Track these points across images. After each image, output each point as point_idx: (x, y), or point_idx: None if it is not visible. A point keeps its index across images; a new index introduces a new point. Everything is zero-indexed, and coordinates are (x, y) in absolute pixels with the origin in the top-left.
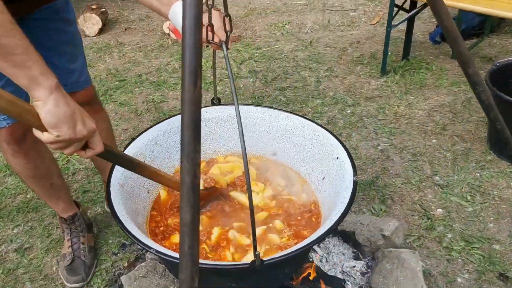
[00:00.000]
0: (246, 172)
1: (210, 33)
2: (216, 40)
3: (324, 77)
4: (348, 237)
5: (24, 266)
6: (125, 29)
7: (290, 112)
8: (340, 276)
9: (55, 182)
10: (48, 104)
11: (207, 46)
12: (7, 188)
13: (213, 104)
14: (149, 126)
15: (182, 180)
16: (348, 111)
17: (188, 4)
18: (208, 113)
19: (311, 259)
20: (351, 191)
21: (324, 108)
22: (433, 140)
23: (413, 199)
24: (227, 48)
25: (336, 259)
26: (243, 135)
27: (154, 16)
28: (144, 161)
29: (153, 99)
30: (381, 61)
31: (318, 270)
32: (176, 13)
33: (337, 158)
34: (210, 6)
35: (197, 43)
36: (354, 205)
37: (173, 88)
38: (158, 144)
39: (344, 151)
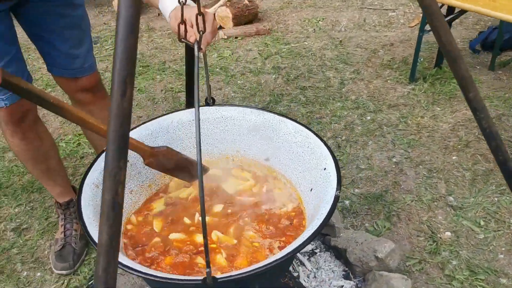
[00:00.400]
0: (200, 181)
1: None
2: (193, 39)
3: (349, 79)
4: (340, 254)
5: (19, 246)
6: (158, 14)
7: (284, 116)
8: None
9: (53, 166)
10: None
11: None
12: (17, 166)
13: (207, 104)
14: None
15: (103, 198)
16: (368, 118)
17: (123, 4)
18: (201, 114)
19: (296, 273)
20: (329, 206)
21: (344, 112)
22: (453, 157)
23: (421, 219)
24: (199, 49)
25: (325, 276)
26: (200, 142)
27: None
28: (129, 160)
29: (172, 88)
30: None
31: (299, 286)
32: (165, 5)
33: (325, 169)
34: (182, 3)
35: (129, 48)
36: (356, 219)
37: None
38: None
39: (333, 162)
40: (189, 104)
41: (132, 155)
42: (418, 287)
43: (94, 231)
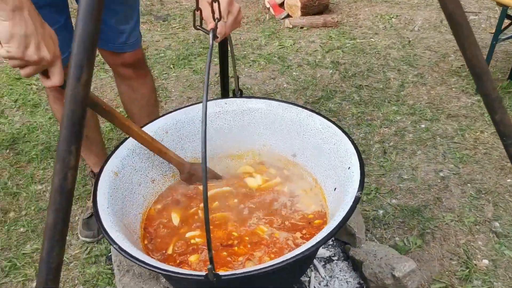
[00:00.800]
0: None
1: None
2: (211, 26)
3: (410, 83)
4: (357, 266)
5: None
6: None
7: (312, 111)
8: None
9: (91, 135)
10: (8, 20)
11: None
12: None
13: (234, 96)
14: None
15: (52, 181)
16: (422, 126)
17: None
18: (228, 105)
19: (307, 278)
20: (348, 207)
21: (397, 117)
22: (508, 180)
23: (458, 241)
24: (214, 38)
25: (337, 286)
26: (205, 136)
27: None
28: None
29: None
30: None
31: None
32: None
33: (349, 168)
34: None
35: (88, 33)
36: (387, 231)
37: (250, 66)
38: (169, 134)
39: (357, 161)
40: (223, 94)
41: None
42: None
43: (106, 218)
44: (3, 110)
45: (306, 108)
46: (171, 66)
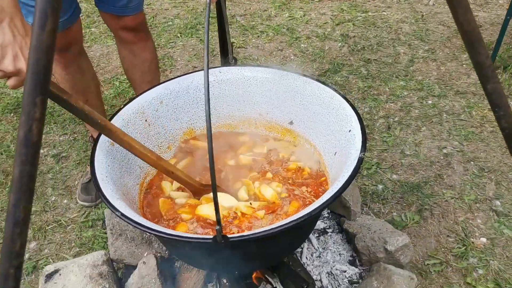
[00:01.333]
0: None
1: None
2: None
3: (420, 58)
4: (350, 239)
5: (54, 172)
6: None
7: (308, 76)
8: (325, 278)
9: (91, 101)
10: None
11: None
12: None
13: (228, 64)
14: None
15: (18, 134)
16: (429, 102)
17: None
18: (222, 74)
19: (300, 249)
20: (352, 168)
21: (404, 92)
22: None
23: (456, 219)
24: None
25: (329, 258)
26: (209, 105)
27: None
28: (146, 120)
29: (233, 42)
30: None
31: (294, 262)
32: None
33: (350, 131)
34: None
35: None
36: (385, 206)
37: (258, 36)
38: (164, 104)
39: (358, 123)
40: (222, 63)
41: (149, 113)
42: None
43: (105, 186)
44: None
45: (303, 74)
46: (179, 35)
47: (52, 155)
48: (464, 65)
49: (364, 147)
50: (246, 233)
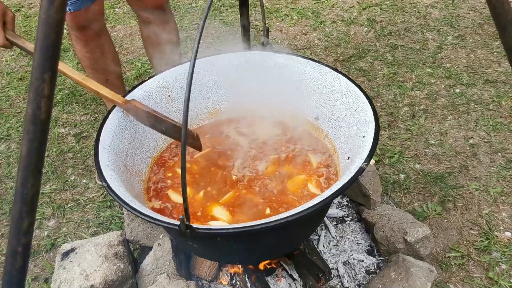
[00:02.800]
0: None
1: None
2: None
3: (449, 45)
4: (369, 228)
5: (74, 152)
6: None
7: (339, 72)
8: (341, 267)
9: (112, 80)
10: None
11: None
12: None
13: (263, 47)
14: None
15: (26, 111)
16: (457, 90)
17: None
18: (252, 59)
19: (317, 237)
20: (350, 177)
21: (431, 79)
22: None
23: (481, 211)
24: None
25: (347, 246)
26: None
27: None
28: (170, 95)
29: (257, 25)
30: None
31: (310, 249)
32: None
33: (363, 136)
34: None
35: None
36: (407, 196)
37: (282, 20)
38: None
39: (373, 130)
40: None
41: (173, 89)
42: (452, 283)
43: (104, 155)
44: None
45: (333, 69)
46: (202, 16)
47: (73, 135)
48: (495, 53)
49: (370, 157)
50: (215, 227)
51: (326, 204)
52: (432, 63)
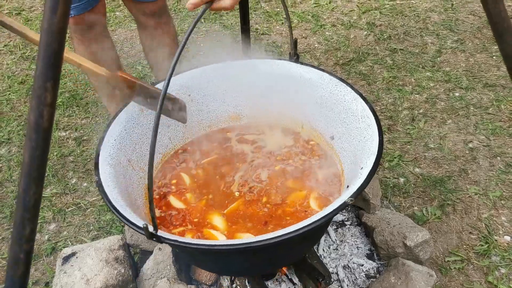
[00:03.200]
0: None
1: None
2: None
3: (449, 49)
4: (369, 232)
5: (75, 155)
6: None
7: (359, 93)
8: (341, 271)
9: None
10: None
11: None
12: None
13: (290, 58)
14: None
15: (28, 119)
16: (456, 94)
17: None
18: (279, 68)
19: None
20: (330, 210)
21: (430, 83)
22: None
23: (480, 215)
24: None
25: (347, 251)
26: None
27: None
28: (190, 95)
29: (257, 28)
30: None
31: (310, 254)
32: None
33: (361, 168)
34: None
35: None
36: (406, 199)
37: (282, 23)
38: (213, 83)
39: (372, 164)
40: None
41: (193, 89)
42: (451, 287)
43: (105, 149)
44: (34, 57)
45: (354, 89)
46: (202, 20)
47: (73, 138)
48: (494, 57)
49: (355, 195)
50: (182, 239)
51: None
52: (431, 66)
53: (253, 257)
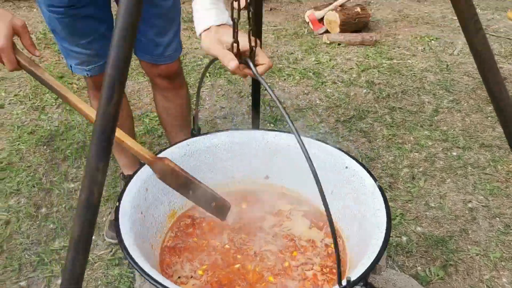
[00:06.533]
0: None
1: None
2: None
3: (445, 108)
4: None
5: None
6: (271, 9)
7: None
8: None
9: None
10: None
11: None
12: None
13: (192, 135)
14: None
15: (79, 196)
16: (454, 153)
17: (123, 9)
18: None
19: None
20: None
21: (429, 142)
22: None
23: (482, 277)
24: (254, 65)
25: None
26: None
27: (304, 1)
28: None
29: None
30: None
31: None
32: (197, 20)
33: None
34: (235, 20)
35: (123, 55)
36: (409, 259)
37: (284, 79)
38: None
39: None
40: (254, 123)
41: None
42: None
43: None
44: (44, 107)
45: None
46: (207, 74)
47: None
48: (489, 118)
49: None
50: None
51: None
52: (429, 125)
53: None
